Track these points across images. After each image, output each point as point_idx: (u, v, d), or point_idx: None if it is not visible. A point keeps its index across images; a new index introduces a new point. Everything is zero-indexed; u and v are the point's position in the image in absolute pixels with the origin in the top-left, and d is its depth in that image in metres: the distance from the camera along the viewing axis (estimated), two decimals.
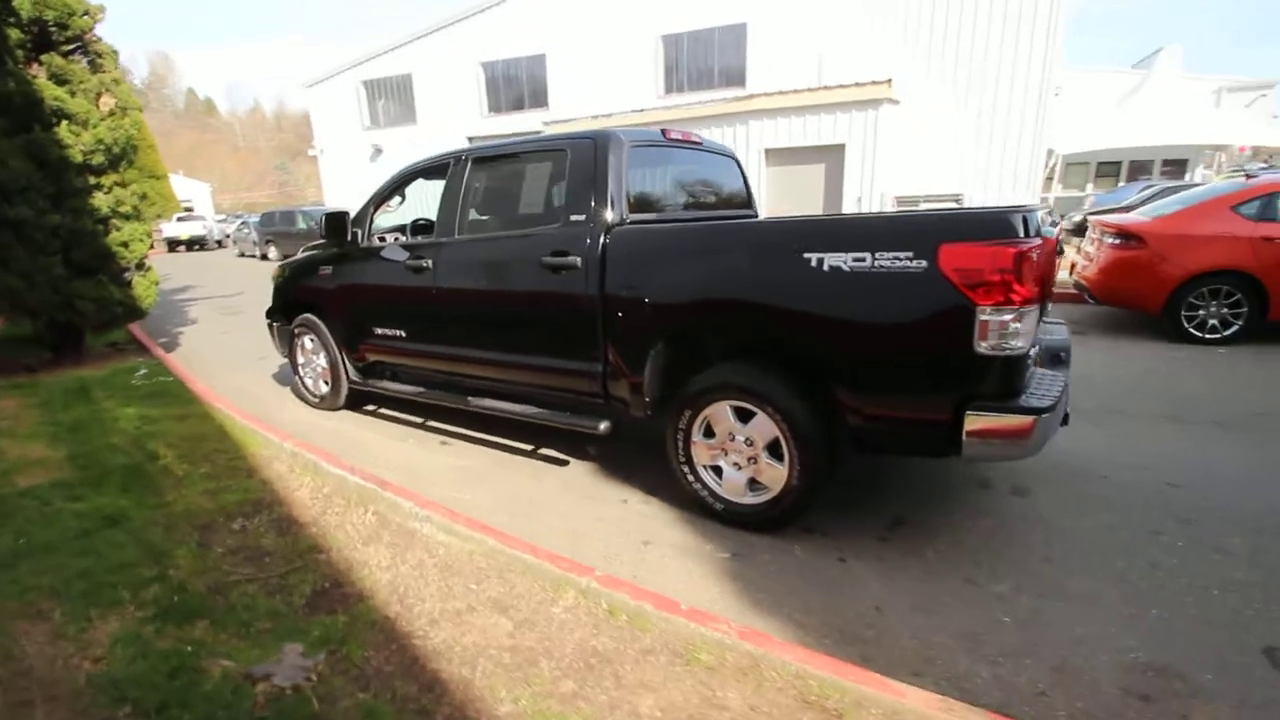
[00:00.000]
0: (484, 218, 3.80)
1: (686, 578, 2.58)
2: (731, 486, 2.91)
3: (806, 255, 2.47)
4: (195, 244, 27.28)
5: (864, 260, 2.35)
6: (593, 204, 3.13)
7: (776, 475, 2.75)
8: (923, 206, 14.04)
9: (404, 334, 4.11)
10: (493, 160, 3.73)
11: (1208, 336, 5.68)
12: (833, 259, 2.41)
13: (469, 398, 3.87)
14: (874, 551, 2.72)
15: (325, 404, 4.92)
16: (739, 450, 2.84)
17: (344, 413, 4.91)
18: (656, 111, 15.79)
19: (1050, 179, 21.29)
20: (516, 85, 20.33)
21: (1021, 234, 2.16)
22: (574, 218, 3.19)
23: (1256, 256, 5.32)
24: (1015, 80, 14.22)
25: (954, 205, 14.34)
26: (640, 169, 3.38)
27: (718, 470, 2.96)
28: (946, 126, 14.75)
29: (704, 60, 17.39)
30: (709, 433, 2.94)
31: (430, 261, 3.77)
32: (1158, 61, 23.22)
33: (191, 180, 47.50)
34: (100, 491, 3.40)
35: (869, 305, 2.37)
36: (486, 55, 20.29)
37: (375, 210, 4.32)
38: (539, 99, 19.91)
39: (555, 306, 3.27)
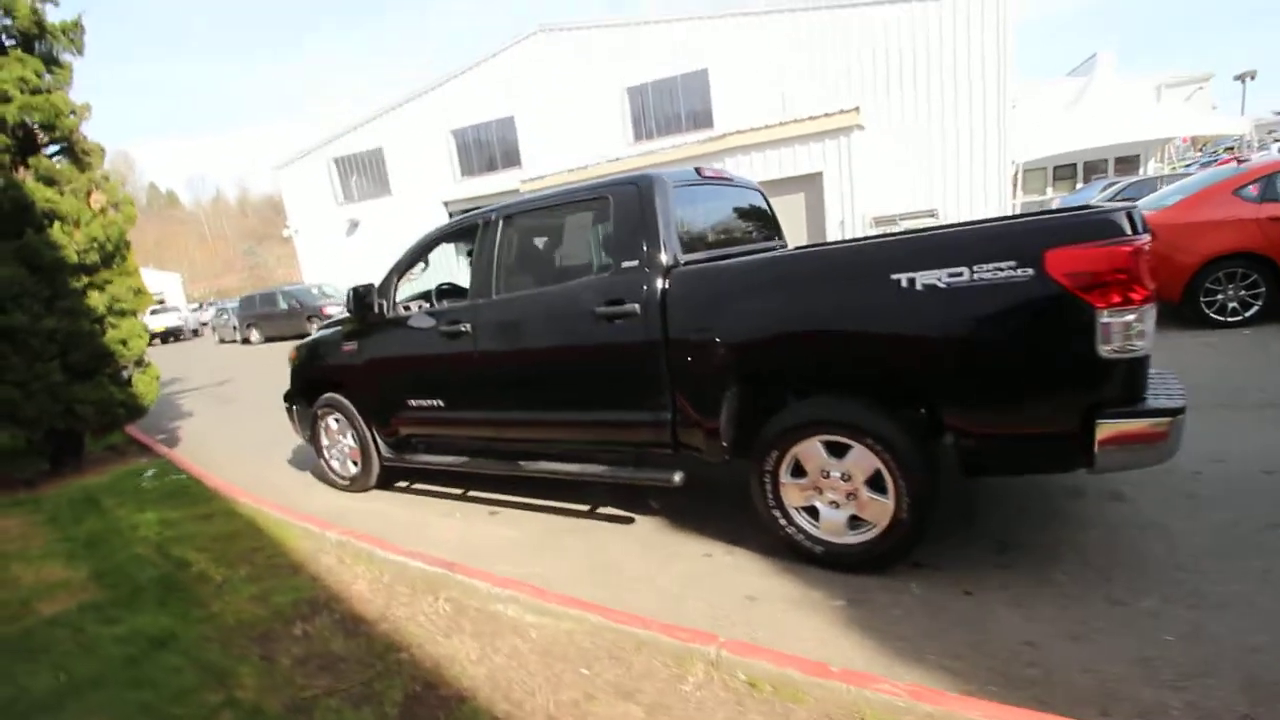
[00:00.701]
0: (522, 275, 3.68)
1: (809, 633, 2.39)
2: (830, 526, 2.74)
3: (895, 276, 2.37)
4: (171, 335, 26.76)
5: (961, 275, 2.26)
6: (645, 248, 3.03)
7: (881, 510, 2.59)
8: (901, 224, 14.32)
9: (442, 403, 3.92)
10: (525, 215, 3.63)
11: (1230, 319, 5.71)
12: (925, 278, 2.32)
13: (520, 462, 3.67)
14: (997, 580, 2.55)
15: (356, 485, 4.67)
16: (835, 487, 2.68)
17: (376, 492, 4.66)
18: (631, 159, 16.04)
19: (1014, 186, 21.98)
20: (488, 148, 20.60)
21: (1130, 231, 2.09)
22: (626, 264, 3.08)
23: (1265, 236, 5.40)
24: (974, 98, 14.75)
25: (932, 220, 14.65)
26: (681, 208, 3.30)
27: (811, 511, 2.79)
28: (915, 147, 15.18)
29: (670, 106, 17.83)
30: (797, 472, 2.78)
31: (468, 325, 3.62)
32: (1096, 66, 24.37)
33: (161, 272, 47.10)
34: (136, 610, 3.12)
35: (974, 321, 2.27)
36: (456, 123, 20.59)
37: (399, 279, 4.17)
38: (511, 159, 20.17)
39: (613, 357, 3.13)
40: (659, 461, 3.27)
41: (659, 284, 2.97)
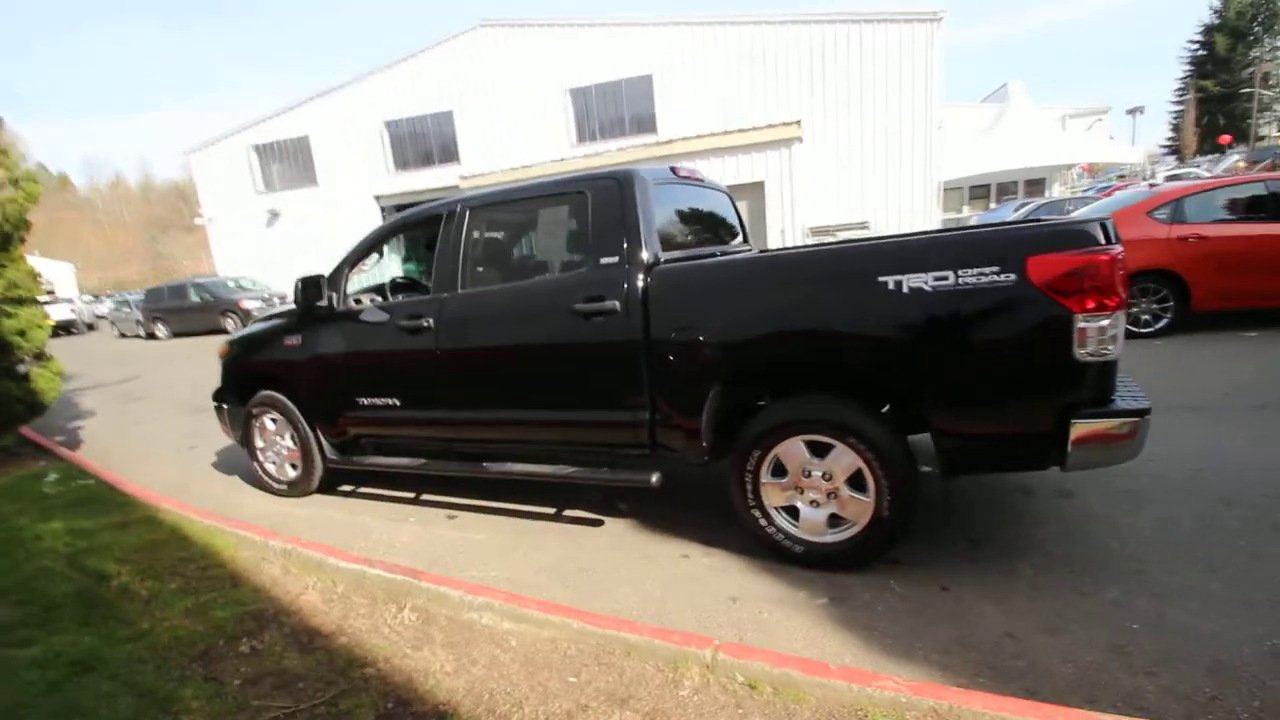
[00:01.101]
0: (491, 269, 3.54)
1: (797, 633, 2.38)
2: (810, 526, 2.75)
3: (883, 279, 2.41)
4: (63, 329, 24.41)
5: (946, 279, 2.32)
6: (625, 245, 2.97)
7: (861, 508, 2.63)
8: (837, 235, 14.85)
9: (398, 401, 3.71)
10: (494, 208, 3.49)
11: (1142, 331, 6.19)
12: (912, 280, 2.37)
13: (484, 464, 3.52)
14: (971, 576, 2.63)
15: (295, 490, 4.35)
16: (816, 486, 2.70)
17: (317, 497, 4.36)
18: (575, 161, 15.91)
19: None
20: (424, 141, 19.98)
21: (1104, 241, 2.20)
22: (605, 260, 3.01)
23: (1176, 255, 5.89)
24: (904, 118, 15.50)
25: (864, 232, 15.26)
26: (657, 206, 3.26)
27: (791, 511, 2.80)
28: (850, 162, 15.79)
29: (614, 110, 17.83)
30: (778, 471, 2.78)
31: (431, 319, 3.45)
32: (1010, 95, 26.21)
33: (51, 261, 43.00)
34: (53, 629, 2.77)
35: (959, 324, 2.33)
36: (390, 114, 19.85)
37: (351, 271, 3.93)
38: (449, 154, 19.62)
39: (590, 355, 3.04)
40: (633, 462, 3.21)
41: (640, 281, 2.91)
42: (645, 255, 2.95)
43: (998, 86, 32.95)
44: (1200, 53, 48.08)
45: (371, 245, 3.90)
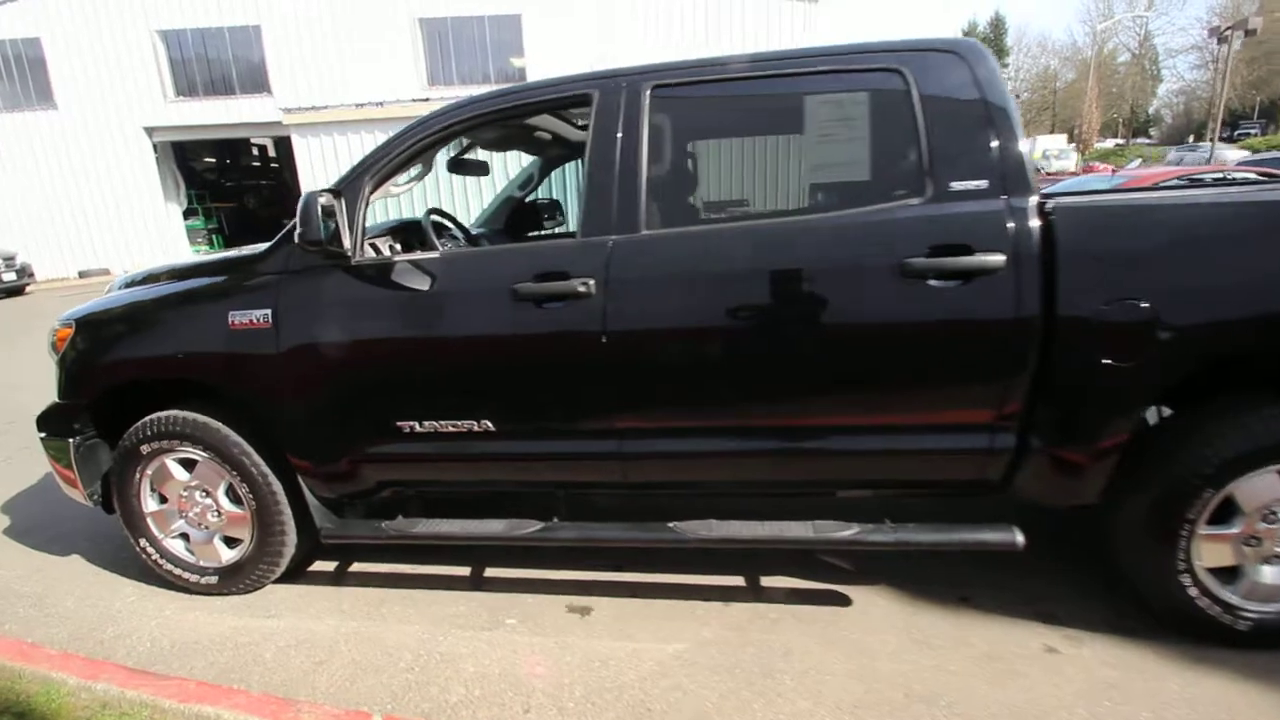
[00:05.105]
0: (698, 200, 2.11)
1: None
2: (1263, 591, 1.89)
3: None
4: None
5: None
6: (999, 161, 1.81)
7: None
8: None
9: (492, 424, 2.13)
10: (707, 87, 2.05)
11: None
12: None
13: (672, 525, 2.13)
14: None
15: (233, 583, 2.49)
16: (1276, 535, 1.84)
17: (277, 591, 2.54)
18: (434, 104, 13.51)
19: None
20: (219, 64, 15.74)
21: None
22: (960, 185, 1.82)
23: None
24: None
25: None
26: None
27: (1223, 572, 1.91)
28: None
29: (475, 52, 15.57)
30: (1217, 518, 1.87)
31: (591, 282, 1.94)
32: None
33: None
34: None
35: None
36: (166, 20, 15.26)
37: (374, 190, 2.20)
38: (255, 82, 15.69)
39: (931, 343, 1.85)
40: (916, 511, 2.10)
41: (1034, 223, 1.78)
42: (1030, 178, 1.82)
43: None
44: None
45: (419, 145, 2.20)
